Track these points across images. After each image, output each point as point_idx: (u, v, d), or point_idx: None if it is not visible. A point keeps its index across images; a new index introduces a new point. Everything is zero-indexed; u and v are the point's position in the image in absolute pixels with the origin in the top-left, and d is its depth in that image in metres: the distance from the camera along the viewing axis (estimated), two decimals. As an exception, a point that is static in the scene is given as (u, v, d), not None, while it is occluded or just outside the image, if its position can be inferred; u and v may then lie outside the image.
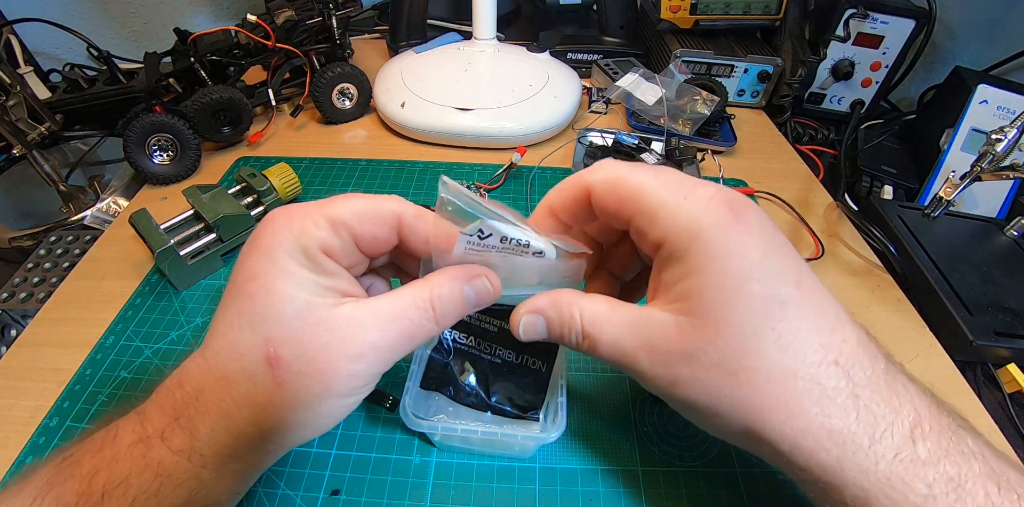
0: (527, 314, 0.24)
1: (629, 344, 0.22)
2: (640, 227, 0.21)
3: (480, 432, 0.28)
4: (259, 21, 0.56)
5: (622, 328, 0.22)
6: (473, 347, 0.30)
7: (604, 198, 0.22)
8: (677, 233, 0.20)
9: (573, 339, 0.23)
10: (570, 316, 0.23)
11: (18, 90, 0.50)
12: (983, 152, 0.46)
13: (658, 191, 0.21)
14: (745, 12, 0.66)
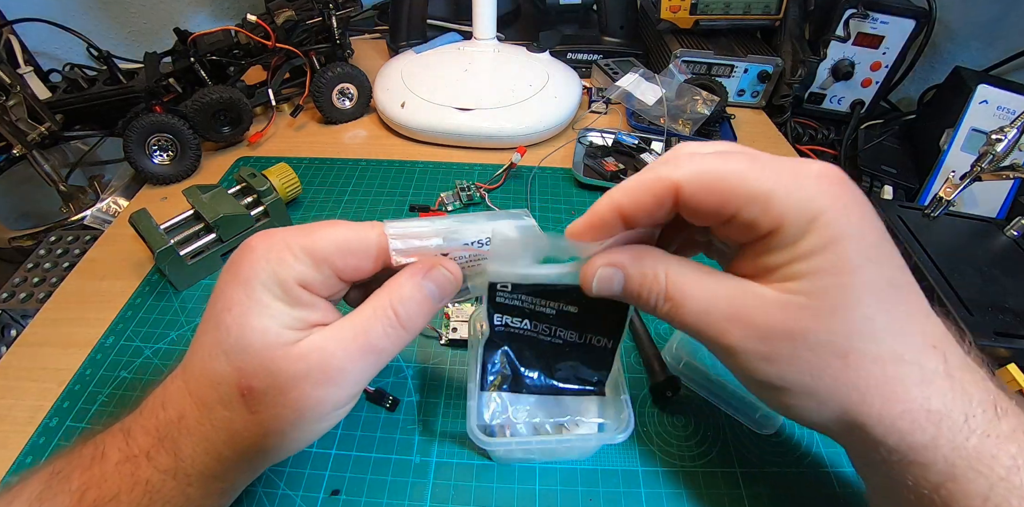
0: (604, 267, 0.22)
1: (720, 314, 0.21)
2: (749, 218, 0.19)
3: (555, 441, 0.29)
4: (259, 21, 0.56)
5: (715, 297, 0.21)
6: (530, 330, 0.27)
7: (699, 196, 0.20)
8: (794, 219, 0.19)
9: (652, 300, 0.22)
10: (654, 275, 0.22)
11: (18, 90, 0.50)
12: (983, 152, 0.46)
13: (762, 179, 0.19)
14: (745, 12, 0.66)
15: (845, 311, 0.19)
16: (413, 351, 0.38)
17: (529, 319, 0.27)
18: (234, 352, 0.21)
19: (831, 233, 0.19)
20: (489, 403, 0.29)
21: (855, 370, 0.19)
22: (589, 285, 0.23)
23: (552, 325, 0.27)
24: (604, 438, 0.30)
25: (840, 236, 0.19)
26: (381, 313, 0.22)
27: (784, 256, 0.20)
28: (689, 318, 0.21)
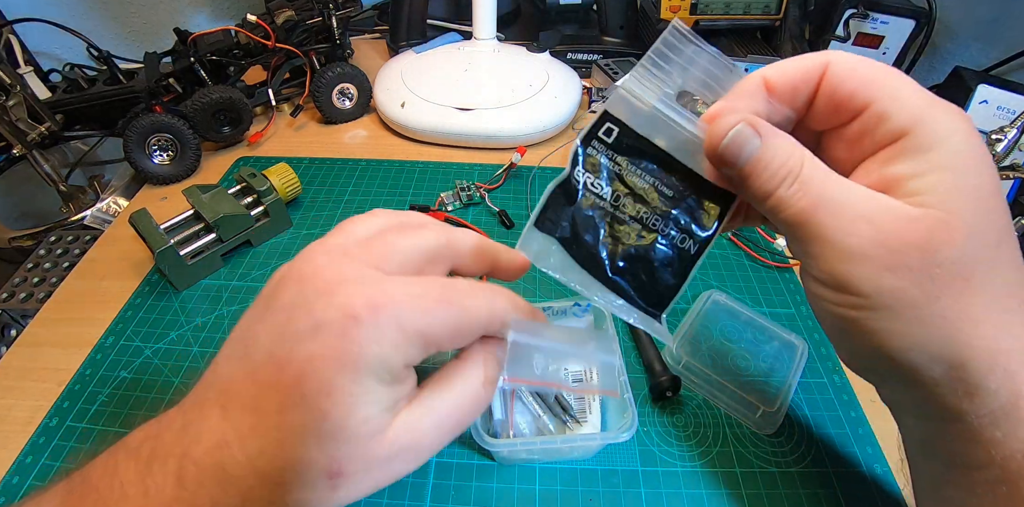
0: (744, 125, 0.20)
1: (852, 212, 0.19)
2: (884, 110, 0.19)
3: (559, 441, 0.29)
4: (259, 21, 0.56)
5: (850, 192, 0.19)
6: (609, 200, 0.22)
7: (845, 76, 0.19)
8: (932, 125, 0.18)
9: (780, 178, 0.19)
10: (791, 152, 0.20)
11: (18, 90, 0.50)
12: (983, 152, 0.46)
13: (910, 85, 0.19)
14: (745, 12, 0.66)
15: (979, 235, 0.18)
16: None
17: (613, 190, 0.22)
18: (329, 440, 0.18)
19: (968, 153, 0.18)
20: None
21: (973, 296, 0.18)
22: (717, 142, 0.20)
23: (639, 202, 0.23)
24: (608, 437, 0.30)
25: (978, 159, 0.18)
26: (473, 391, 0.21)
27: (917, 165, 0.19)
28: (816, 207, 0.19)
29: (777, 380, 0.36)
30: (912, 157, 0.19)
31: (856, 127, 0.20)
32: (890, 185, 0.19)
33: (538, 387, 0.31)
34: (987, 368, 0.19)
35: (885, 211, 0.19)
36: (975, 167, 0.18)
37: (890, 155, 0.19)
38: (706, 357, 0.37)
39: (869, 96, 0.19)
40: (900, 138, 0.19)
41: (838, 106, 0.20)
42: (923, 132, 0.19)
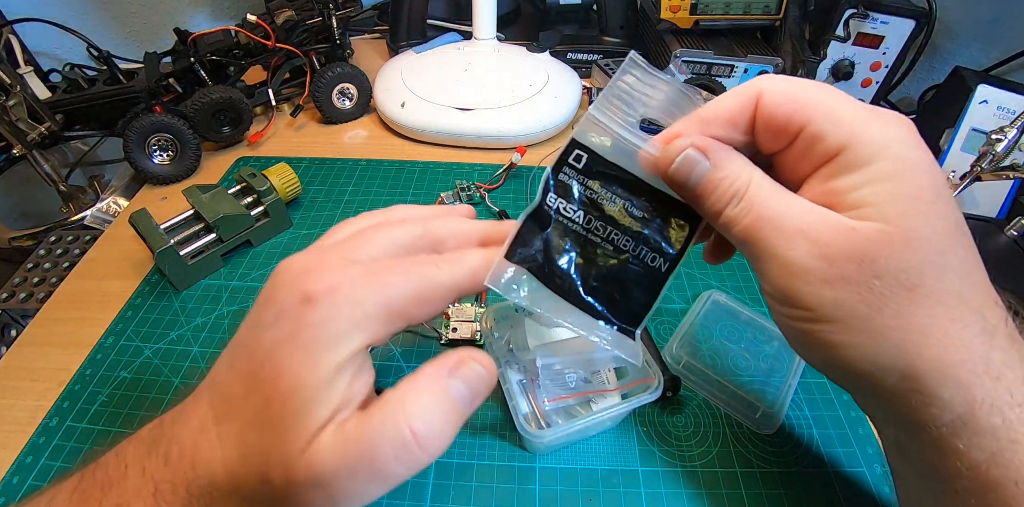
0: (693, 150, 0.20)
1: (791, 226, 0.19)
2: (819, 130, 0.19)
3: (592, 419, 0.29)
4: (259, 21, 0.56)
5: (790, 208, 0.20)
6: (581, 224, 0.23)
7: (777, 103, 0.20)
8: (866, 139, 0.19)
9: (727, 198, 0.20)
10: (739, 173, 0.20)
11: (18, 90, 0.50)
12: (983, 152, 0.46)
13: (836, 99, 0.20)
14: (745, 12, 0.66)
15: (920, 242, 0.18)
16: (413, 351, 0.38)
17: (585, 212, 0.23)
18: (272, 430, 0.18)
19: (905, 161, 0.18)
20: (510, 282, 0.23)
21: (919, 306, 0.18)
22: (667, 165, 0.21)
23: (608, 225, 0.23)
24: (635, 403, 0.30)
25: (914, 166, 0.19)
26: (392, 431, 0.18)
27: (855, 179, 0.19)
28: (759, 224, 0.20)
29: (777, 380, 0.36)
30: (850, 171, 0.19)
31: (797, 148, 0.20)
32: (832, 200, 0.20)
33: (578, 399, 0.32)
34: (939, 379, 0.19)
35: (824, 225, 0.19)
36: (913, 175, 0.19)
37: (830, 171, 0.20)
38: (706, 357, 0.37)
39: (803, 119, 0.19)
40: (837, 155, 0.19)
41: (776, 131, 0.20)
42: (859, 146, 0.19)
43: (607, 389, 0.33)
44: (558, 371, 0.32)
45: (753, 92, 0.20)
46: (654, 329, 0.40)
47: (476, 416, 0.34)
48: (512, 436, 0.33)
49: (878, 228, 0.18)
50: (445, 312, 0.40)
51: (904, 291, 0.18)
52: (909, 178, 0.18)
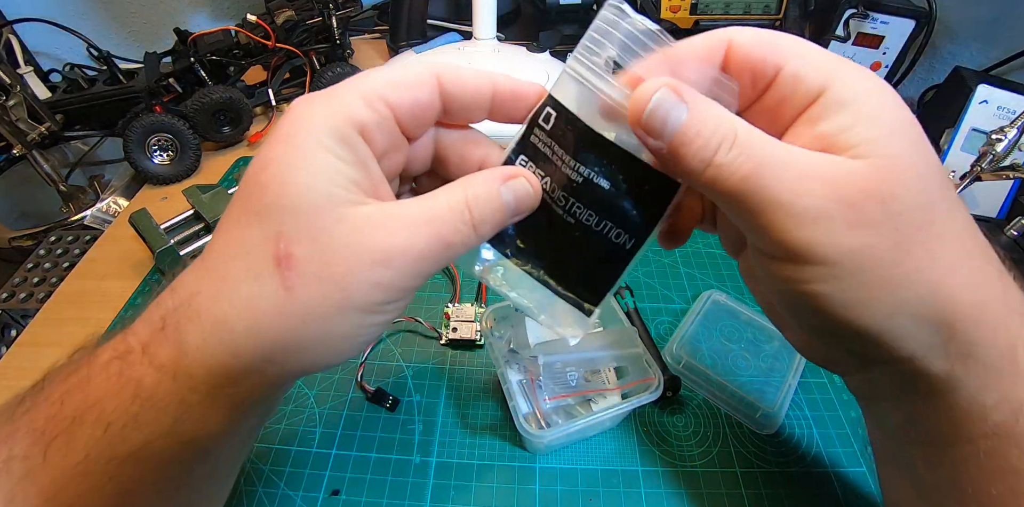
0: (667, 89, 0.18)
1: (800, 170, 0.17)
2: (796, 70, 0.18)
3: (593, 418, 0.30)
4: (259, 21, 0.56)
5: (792, 151, 0.17)
6: (547, 192, 0.21)
7: (750, 44, 0.19)
8: (847, 81, 0.18)
9: (715, 145, 0.17)
10: (721, 117, 0.18)
11: (18, 90, 0.50)
12: (983, 152, 0.46)
13: (816, 48, 0.19)
14: (745, 12, 0.66)
15: (927, 177, 0.17)
16: (413, 351, 0.38)
17: (551, 178, 0.21)
18: (269, 214, 0.17)
19: (883, 100, 0.18)
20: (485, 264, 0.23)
21: (941, 243, 0.17)
22: (639, 110, 0.18)
23: (572, 196, 0.21)
24: (635, 403, 0.30)
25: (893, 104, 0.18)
26: (455, 205, 0.19)
27: (843, 119, 0.17)
28: (760, 170, 0.17)
29: (777, 380, 0.36)
30: (836, 111, 0.18)
31: (773, 94, 0.19)
32: (823, 144, 0.18)
33: (577, 398, 0.32)
34: (976, 321, 0.18)
35: (834, 165, 0.17)
36: (898, 114, 0.18)
37: (814, 114, 0.18)
38: (706, 357, 0.37)
39: (778, 60, 0.18)
40: (819, 95, 0.18)
41: (752, 75, 0.19)
42: (840, 83, 0.18)
43: (607, 388, 0.33)
44: (559, 369, 0.32)
45: (723, 37, 0.19)
46: (654, 329, 0.40)
47: (476, 416, 0.34)
48: (512, 436, 0.33)
49: (885, 164, 0.17)
50: (445, 312, 0.40)
51: (925, 228, 0.17)
52: (894, 115, 0.18)
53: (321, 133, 0.18)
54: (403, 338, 0.39)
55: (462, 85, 0.20)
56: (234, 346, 0.18)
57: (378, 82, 0.19)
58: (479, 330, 0.38)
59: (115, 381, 0.18)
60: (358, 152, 0.19)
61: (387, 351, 0.38)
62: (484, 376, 0.37)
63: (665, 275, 0.44)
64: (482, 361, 0.38)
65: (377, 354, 0.38)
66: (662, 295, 0.43)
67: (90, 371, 0.18)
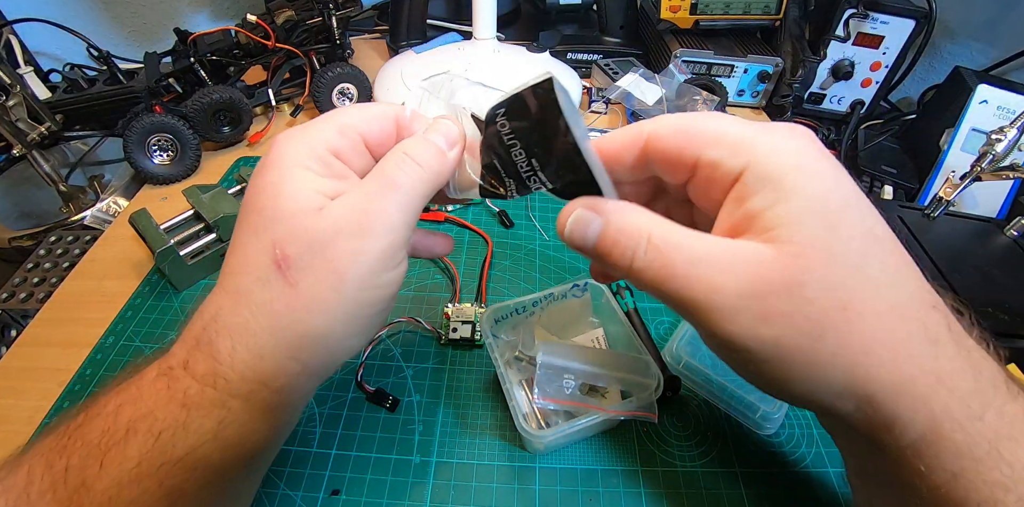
0: (583, 208, 0.20)
1: (712, 266, 0.18)
2: (714, 159, 0.19)
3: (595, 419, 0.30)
4: (259, 21, 0.56)
5: (706, 247, 0.18)
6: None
7: (667, 139, 0.20)
8: (764, 158, 0.18)
9: (631, 249, 0.19)
10: (637, 225, 0.19)
11: (18, 90, 0.50)
12: (983, 152, 0.46)
13: (732, 125, 0.19)
14: (745, 12, 0.66)
15: (836, 257, 0.17)
16: (413, 351, 0.38)
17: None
18: (266, 226, 0.20)
19: (805, 171, 0.18)
20: None
21: (858, 324, 0.17)
22: (562, 229, 0.21)
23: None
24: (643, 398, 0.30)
25: (816, 174, 0.18)
26: (393, 157, 0.22)
27: (763, 198, 0.18)
28: (676, 270, 0.18)
29: (777, 380, 0.36)
30: (758, 189, 0.18)
31: (700, 178, 0.20)
32: (749, 223, 0.18)
33: (567, 407, 0.32)
34: (895, 399, 0.18)
35: (741, 259, 0.18)
36: (817, 184, 0.18)
37: (738, 194, 0.19)
38: (706, 357, 0.37)
39: (695, 149, 0.19)
40: (740, 177, 0.18)
41: (672, 165, 0.20)
42: (757, 164, 0.18)
43: (600, 408, 0.32)
44: (557, 373, 0.32)
45: (639, 130, 0.21)
46: (654, 329, 0.40)
47: (477, 416, 0.34)
48: (512, 436, 0.33)
49: (796, 251, 0.17)
50: (445, 312, 0.40)
51: (838, 312, 0.17)
52: (812, 189, 0.18)
53: (300, 155, 0.21)
54: (403, 338, 0.39)
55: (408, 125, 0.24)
56: (258, 348, 0.20)
57: (350, 115, 0.23)
58: (479, 330, 0.38)
59: (164, 394, 0.20)
60: (333, 168, 0.22)
61: (387, 351, 0.38)
62: (484, 376, 0.37)
63: (665, 275, 0.44)
64: (482, 361, 0.38)
65: (377, 354, 0.38)
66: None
67: (140, 387, 0.21)
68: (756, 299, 0.17)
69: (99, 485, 0.19)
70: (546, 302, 0.37)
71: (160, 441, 0.19)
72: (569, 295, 0.37)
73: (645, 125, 0.21)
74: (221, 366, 0.20)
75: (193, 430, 0.20)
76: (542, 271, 0.44)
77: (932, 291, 0.19)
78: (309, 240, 0.20)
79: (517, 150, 0.21)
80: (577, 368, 0.32)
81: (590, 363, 0.32)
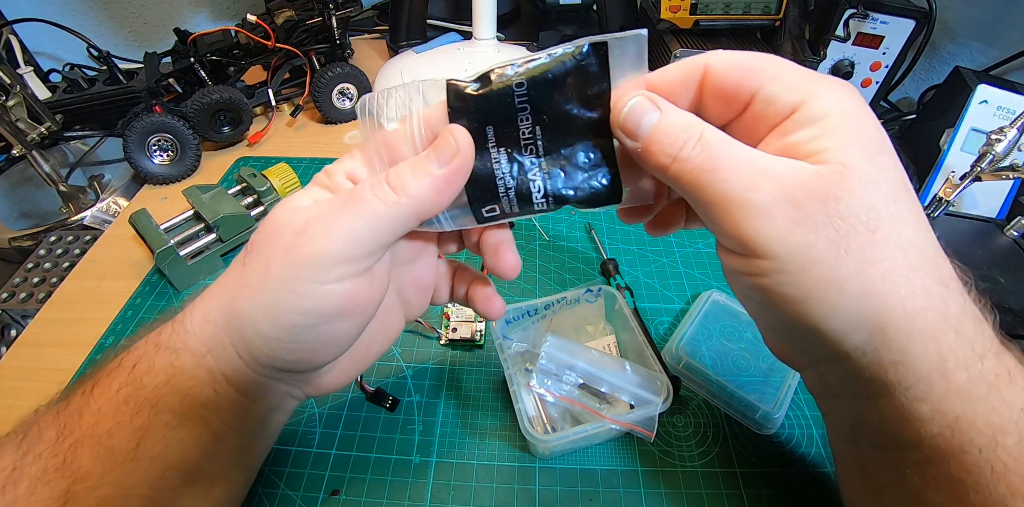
0: (641, 98, 0.20)
1: (754, 168, 0.19)
2: (771, 93, 0.19)
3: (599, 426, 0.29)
4: (259, 21, 0.56)
5: (751, 153, 0.19)
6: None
7: (727, 71, 0.20)
8: (818, 98, 0.19)
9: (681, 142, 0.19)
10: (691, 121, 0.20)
11: (18, 90, 0.50)
12: (983, 152, 0.46)
13: (788, 65, 0.20)
14: (745, 12, 0.66)
15: (874, 184, 0.18)
16: (413, 351, 0.38)
17: None
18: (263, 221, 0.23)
19: (854, 116, 0.19)
20: None
21: (882, 249, 0.18)
22: (617, 114, 0.20)
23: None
24: (643, 413, 0.30)
25: (863, 120, 0.19)
26: (374, 177, 0.21)
27: (810, 132, 0.19)
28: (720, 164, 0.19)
29: (777, 380, 0.36)
30: (805, 126, 0.19)
31: (750, 114, 0.20)
32: (795, 150, 0.19)
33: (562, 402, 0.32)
34: (907, 331, 0.18)
35: (785, 167, 0.19)
36: (865, 128, 0.19)
37: (786, 128, 0.19)
38: (706, 357, 0.37)
39: (754, 84, 0.20)
40: (793, 111, 0.19)
41: (728, 99, 0.20)
42: (813, 101, 0.19)
43: (598, 412, 0.31)
44: (559, 368, 0.32)
45: (699, 63, 0.20)
46: (654, 329, 0.40)
47: (477, 416, 0.34)
48: (512, 436, 0.33)
49: (838, 170, 0.18)
50: (445, 312, 0.40)
51: (867, 233, 0.18)
52: (860, 129, 0.19)
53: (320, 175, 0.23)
54: (403, 338, 0.39)
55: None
56: (205, 312, 0.23)
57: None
58: (479, 330, 0.38)
59: (152, 338, 0.23)
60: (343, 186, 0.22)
61: (387, 351, 0.38)
62: (484, 376, 0.37)
63: (665, 275, 0.44)
64: (482, 361, 0.38)
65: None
66: (662, 295, 0.43)
67: (136, 345, 0.24)
68: (792, 204, 0.18)
69: (87, 412, 0.22)
70: (558, 306, 0.37)
71: (134, 373, 0.22)
72: (582, 299, 0.37)
73: (700, 59, 0.20)
74: (186, 319, 0.23)
75: (156, 369, 0.22)
76: (542, 271, 0.44)
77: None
78: (269, 233, 0.22)
79: (524, 115, 0.21)
80: (582, 368, 0.32)
81: (596, 366, 0.32)
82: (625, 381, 0.32)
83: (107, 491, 0.21)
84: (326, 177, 0.23)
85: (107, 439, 0.21)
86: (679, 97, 0.21)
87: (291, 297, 0.20)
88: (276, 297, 0.21)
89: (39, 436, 0.22)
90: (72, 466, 0.21)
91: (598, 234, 0.47)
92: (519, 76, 0.20)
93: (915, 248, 0.19)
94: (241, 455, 0.25)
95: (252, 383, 0.23)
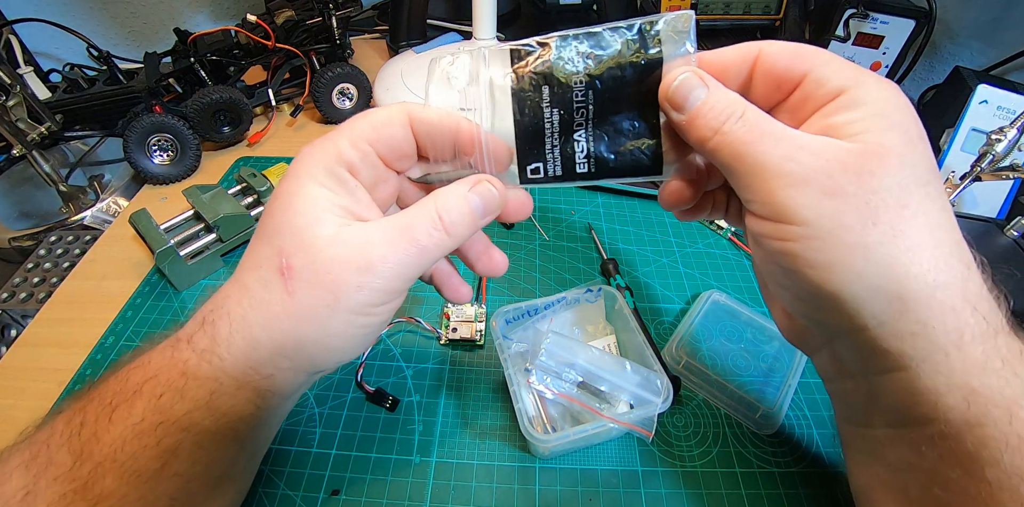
0: (691, 74, 0.21)
1: (793, 142, 0.20)
2: (822, 77, 0.21)
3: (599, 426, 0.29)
4: (259, 21, 0.56)
5: (789, 129, 0.20)
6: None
7: (780, 55, 0.21)
8: (863, 85, 0.20)
9: (724, 117, 0.21)
10: (736, 100, 0.21)
11: (18, 90, 0.50)
12: (983, 152, 0.46)
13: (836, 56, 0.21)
14: (745, 12, 0.66)
15: (912, 167, 0.19)
16: (413, 351, 0.38)
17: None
18: (275, 233, 0.22)
19: (897, 105, 0.20)
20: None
21: (911, 223, 0.19)
22: (667, 87, 0.22)
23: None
24: (642, 413, 0.30)
25: (904, 110, 0.20)
26: (426, 214, 0.22)
27: (853, 114, 0.20)
28: (760, 137, 0.20)
29: (777, 380, 0.36)
30: (849, 109, 0.20)
31: (798, 95, 0.21)
32: (835, 130, 0.20)
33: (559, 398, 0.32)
34: (927, 302, 0.19)
35: (824, 143, 0.20)
36: (905, 117, 0.20)
37: (829, 110, 0.21)
38: (706, 357, 0.37)
39: (805, 66, 0.21)
40: (838, 95, 0.20)
41: (779, 80, 0.22)
42: (858, 89, 0.20)
43: (594, 409, 0.31)
44: (559, 365, 0.32)
45: (753, 48, 0.22)
46: (654, 329, 0.40)
47: (477, 416, 0.34)
48: (512, 436, 0.33)
49: (875, 149, 0.19)
50: (445, 312, 0.40)
51: (897, 208, 0.19)
52: (901, 118, 0.20)
53: (315, 170, 0.22)
54: (403, 338, 0.39)
55: (428, 121, 0.24)
56: (252, 339, 0.22)
57: (361, 125, 0.23)
58: (479, 330, 0.38)
59: (168, 362, 0.23)
60: (346, 184, 0.23)
61: (387, 351, 0.38)
62: (484, 376, 0.37)
63: (665, 275, 0.44)
64: (482, 361, 0.38)
65: (377, 354, 0.38)
66: (662, 295, 0.43)
67: (150, 355, 0.23)
68: (827, 175, 0.19)
69: (107, 437, 0.21)
70: (558, 305, 0.37)
71: (160, 401, 0.22)
72: (582, 299, 0.37)
73: (755, 44, 0.22)
74: (218, 347, 0.22)
75: (189, 397, 0.22)
76: (542, 271, 0.44)
77: None
78: (313, 258, 0.21)
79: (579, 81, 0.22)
80: (582, 365, 0.32)
81: (596, 365, 0.32)
82: (625, 380, 0.32)
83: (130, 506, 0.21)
84: (327, 178, 0.22)
85: (132, 462, 0.21)
86: (729, 78, 0.22)
87: (357, 320, 0.22)
88: (346, 324, 0.22)
89: (49, 460, 0.21)
90: (95, 489, 0.21)
91: (598, 234, 0.47)
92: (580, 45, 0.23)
93: (941, 227, 0.19)
94: (258, 456, 0.27)
95: (301, 387, 0.25)
